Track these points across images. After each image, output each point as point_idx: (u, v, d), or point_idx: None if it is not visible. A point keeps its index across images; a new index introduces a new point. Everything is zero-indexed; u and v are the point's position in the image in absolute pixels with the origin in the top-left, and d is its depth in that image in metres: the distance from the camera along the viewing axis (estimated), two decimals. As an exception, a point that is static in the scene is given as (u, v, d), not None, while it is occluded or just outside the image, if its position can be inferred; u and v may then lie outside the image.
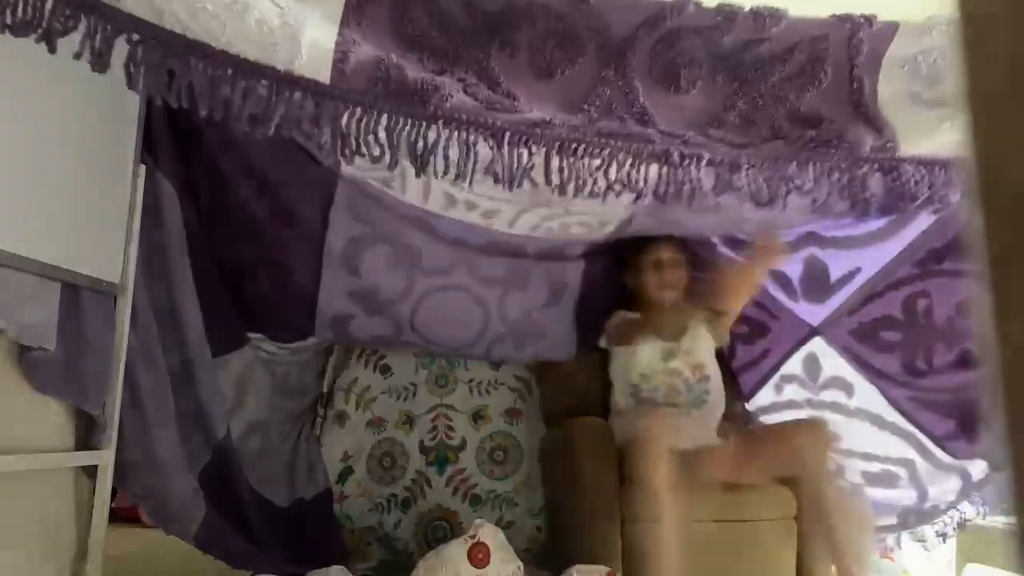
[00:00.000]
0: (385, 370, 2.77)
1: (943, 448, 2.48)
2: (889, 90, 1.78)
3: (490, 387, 2.76)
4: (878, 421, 2.53)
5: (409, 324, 2.43)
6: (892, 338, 2.48)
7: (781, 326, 2.61)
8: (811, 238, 2.43)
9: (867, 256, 2.42)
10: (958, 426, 2.44)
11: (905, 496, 2.56)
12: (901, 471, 2.54)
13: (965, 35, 0.37)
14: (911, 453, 2.52)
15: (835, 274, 2.48)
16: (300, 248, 2.24)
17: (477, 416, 2.73)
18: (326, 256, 2.25)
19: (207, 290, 2.18)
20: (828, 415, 2.49)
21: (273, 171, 2.07)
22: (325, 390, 2.78)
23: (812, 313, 2.55)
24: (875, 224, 2.32)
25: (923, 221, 2.29)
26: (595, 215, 2.21)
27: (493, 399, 2.75)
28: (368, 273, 2.30)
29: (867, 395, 2.53)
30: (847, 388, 2.55)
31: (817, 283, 2.50)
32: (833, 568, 2.04)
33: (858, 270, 2.45)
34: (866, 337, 2.52)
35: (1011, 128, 0.34)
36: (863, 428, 2.53)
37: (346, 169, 2.06)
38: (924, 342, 2.44)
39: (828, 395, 2.58)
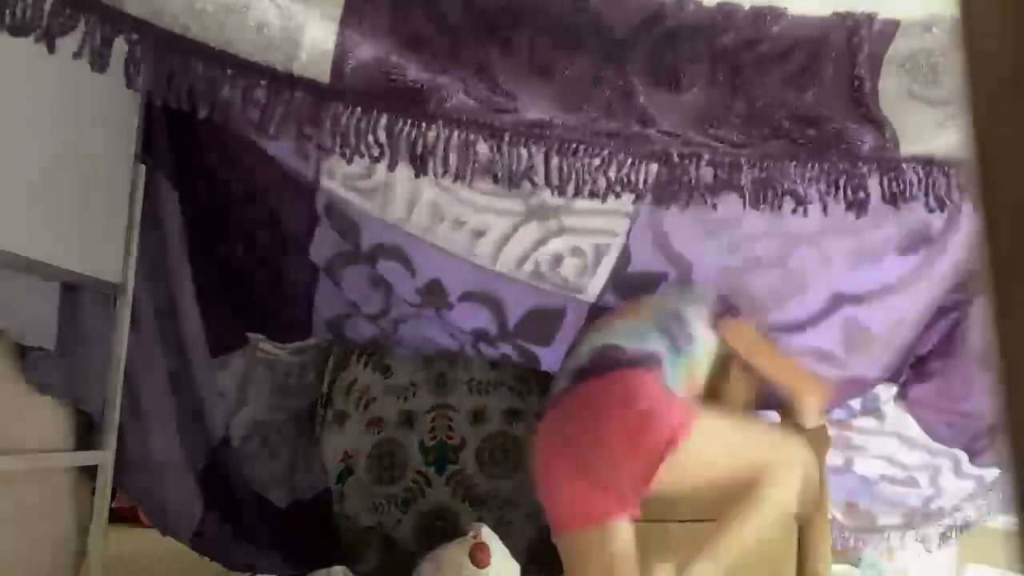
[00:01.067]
0: (385, 370, 2.77)
1: (973, 460, 2.44)
2: (890, 89, 1.76)
3: (490, 387, 2.76)
4: (908, 441, 2.47)
5: (394, 334, 2.43)
6: (935, 367, 2.34)
7: (836, 391, 2.31)
8: (841, 299, 2.20)
9: (907, 301, 2.21)
10: (991, 442, 2.37)
11: (916, 495, 2.55)
12: (924, 476, 2.52)
13: (965, 35, 0.36)
14: (939, 461, 2.48)
15: (878, 330, 2.26)
16: (291, 254, 2.22)
17: (477, 416, 2.73)
18: (314, 264, 2.23)
19: (207, 290, 2.18)
20: (856, 435, 2.45)
21: (261, 176, 2.06)
22: (325, 390, 2.78)
23: (868, 367, 2.33)
24: (905, 266, 2.15)
25: (955, 248, 2.10)
26: (590, 234, 2.05)
27: (493, 399, 2.75)
28: (349, 288, 2.26)
29: (901, 420, 2.44)
30: (880, 416, 2.46)
31: (861, 346, 2.27)
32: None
33: (902, 319, 2.25)
34: (914, 370, 2.37)
35: (1011, 129, 0.34)
36: (892, 444, 2.49)
37: (326, 183, 1.99)
38: (964, 368, 2.30)
39: (861, 421, 2.47)
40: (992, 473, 2.46)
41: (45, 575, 1.78)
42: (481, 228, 2.04)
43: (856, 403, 2.44)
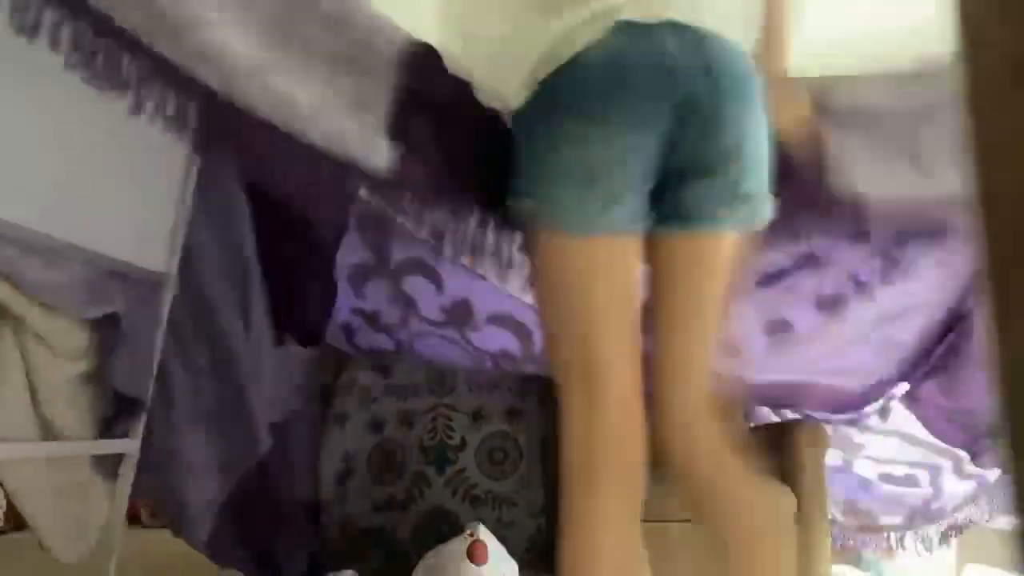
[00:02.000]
0: (385, 370, 2.77)
1: (974, 460, 2.44)
2: None
3: (490, 387, 2.76)
4: (910, 439, 2.49)
5: (409, 347, 2.43)
6: (938, 363, 2.32)
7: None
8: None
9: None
10: (993, 442, 2.36)
11: (916, 495, 2.54)
12: (924, 474, 2.52)
13: (965, 35, 0.36)
14: (940, 461, 2.48)
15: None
16: (315, 257, 2.22)
17: (477, 416, 2.73)
18: (336, 270, 2.24)
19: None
20: (857, 433, 2.46)
21: (294, 180, 2.06)
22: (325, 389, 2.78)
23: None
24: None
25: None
26: None
27: (493, 399, 2.75)
28: (370, 298, 2.28)
29: (902, 417, 2.45)
30: (882, 413, 2.46)
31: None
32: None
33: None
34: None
35: (1011, 128, 0.34)
36: (893, 442, 2.50)
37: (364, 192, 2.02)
38: (968, 365, 2.27)
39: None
40: (993, 474, 2.46)
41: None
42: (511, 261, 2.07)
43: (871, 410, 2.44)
